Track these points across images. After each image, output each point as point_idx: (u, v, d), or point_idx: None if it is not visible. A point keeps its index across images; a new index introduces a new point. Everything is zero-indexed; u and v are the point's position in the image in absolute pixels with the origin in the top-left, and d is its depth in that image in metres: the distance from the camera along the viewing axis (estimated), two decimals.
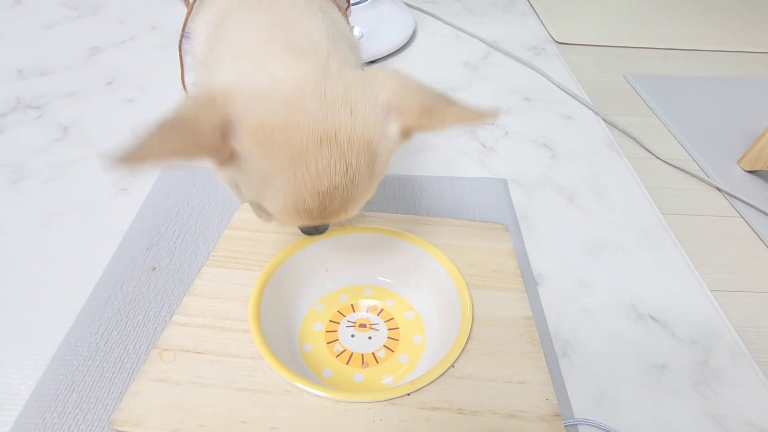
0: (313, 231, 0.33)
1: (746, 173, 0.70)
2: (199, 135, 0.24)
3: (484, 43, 1.00)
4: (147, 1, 1.04)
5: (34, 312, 0.47)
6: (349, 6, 0.46)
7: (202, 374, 0.27)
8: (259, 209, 0.29)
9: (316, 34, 0.28)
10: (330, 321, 0.35)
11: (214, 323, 0.30)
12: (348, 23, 0.40)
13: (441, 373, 0.28)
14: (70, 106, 0.73)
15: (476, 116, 0.27)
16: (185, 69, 0.42)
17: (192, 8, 0.40)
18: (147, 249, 0.53)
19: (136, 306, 0.47)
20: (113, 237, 0.54)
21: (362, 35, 0.90)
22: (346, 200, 0.27)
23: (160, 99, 0.78)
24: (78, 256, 0.52)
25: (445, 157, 0.70)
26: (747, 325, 0.51)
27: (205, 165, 0.27)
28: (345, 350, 0.33)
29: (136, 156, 0.23)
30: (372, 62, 0.91)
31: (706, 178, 0.69)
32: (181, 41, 0.44)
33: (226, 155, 0.25)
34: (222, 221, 0.56)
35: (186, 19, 0.41)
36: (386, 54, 0.93)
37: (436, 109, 0.26)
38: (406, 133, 0.27)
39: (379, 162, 0.27)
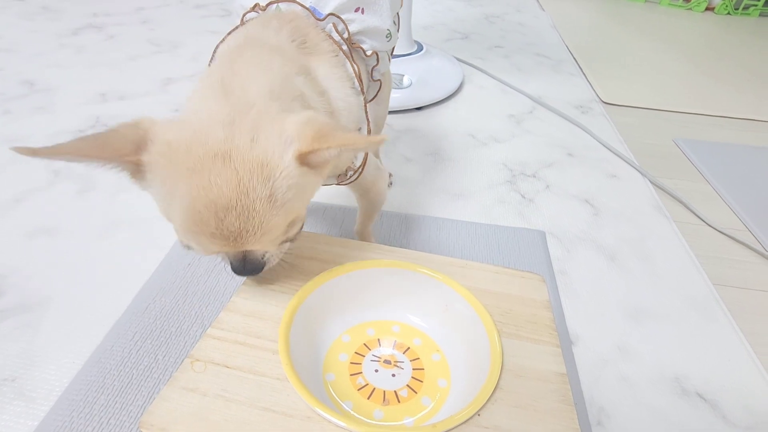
0: (240, 268, 0.33)
1: None
2: (115, 144, 0.29)
3: (529, 98, 1.02)
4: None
5: (80, 313, 0.50)
6: (377, 62, 0.48)
7: (228, 388, 0.27)
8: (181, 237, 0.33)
9: (255, 86, 0.33)
10: (355, 353, 0.35)
11: (245, 340, 0.31)
12: (352, 86, 0.43)
13: (466, 419, 0.27)
14: None
15: (363, 141, 0.32)
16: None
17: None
18: (188, 265, 0.55)
19: (171, 318, 0.49)
20: (159, 251, 0.57)
21: (411, 83, 0.95)
22: (243, 218, 0.29)
23: None
24: (126, 265, 0.55)
25: (483, 204, 0.70)
26: None
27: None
28: (367, 384, 0.33)
29: (53, 151, 0.27)
30: (419, 108, 0.94)
31: (764, 251, 0.65)
32: None
33: (134, 164, 0.30)
34: None
35: None
36: (433, 102, 0.96)
37: (328, 135, 0.30)
38: (303, 159, 0.30)
39: (279, 187, 0.30)
